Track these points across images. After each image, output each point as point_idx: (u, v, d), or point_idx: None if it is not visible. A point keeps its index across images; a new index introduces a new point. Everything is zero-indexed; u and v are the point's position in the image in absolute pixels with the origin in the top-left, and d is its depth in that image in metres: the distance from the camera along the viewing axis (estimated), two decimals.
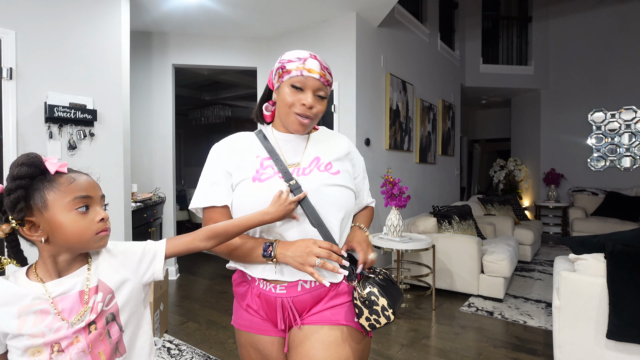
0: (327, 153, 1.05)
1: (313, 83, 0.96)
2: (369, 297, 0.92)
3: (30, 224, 0.72)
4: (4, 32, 2.29)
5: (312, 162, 1.02)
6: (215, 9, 3.51)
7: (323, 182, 0.98)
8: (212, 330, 2.79)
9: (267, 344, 1.02)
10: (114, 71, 2.86)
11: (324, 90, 0.99)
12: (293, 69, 0.97)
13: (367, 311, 0.93)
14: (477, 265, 3.41)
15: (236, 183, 1.01)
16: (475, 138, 9.16)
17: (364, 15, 3.67)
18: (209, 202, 1.01)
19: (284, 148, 1.05)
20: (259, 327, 1.02)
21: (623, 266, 1.77)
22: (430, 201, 5.21)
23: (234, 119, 9.52)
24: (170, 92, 4.14)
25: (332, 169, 1.02)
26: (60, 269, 0.76)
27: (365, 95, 3.74)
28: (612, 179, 6.23)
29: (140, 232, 3.33)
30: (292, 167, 1.02)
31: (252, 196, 0.97)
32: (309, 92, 0.97)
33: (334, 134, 1.14)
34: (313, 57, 0.98)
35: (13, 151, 2.32)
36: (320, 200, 0.97)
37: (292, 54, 0.99)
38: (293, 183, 0.96)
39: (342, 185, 1.00)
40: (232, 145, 1.07)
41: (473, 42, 6.49)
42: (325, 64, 1.00)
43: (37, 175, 0.72)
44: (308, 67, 0.96)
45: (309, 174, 1.00)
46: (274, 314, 1.00)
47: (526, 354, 2.44)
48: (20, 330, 0.70)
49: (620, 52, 6.10)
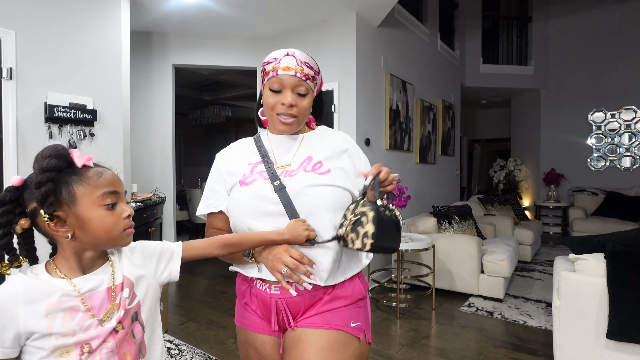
0: (319, 151, 1.02)
1: (290, 81, 0.95)
2: (360, 216, 0.88)
3: (57, 219, 0.68)
4: (4, 32, 2.29)
5: (302, 163, 1.01)
6: (215, 9, 3.51)
7: (307, 183, 0.96)
8: (212, 330, 2.79)
9: (264, 343, 1.02)
10: (114, 71, 2.86)
11: (304, 86, 0.96)
12: (270, 70, 0.96)
13: (350, 226, 0.89)
14: (477, 265, 3.41)
15: (229, 188, 1.04)
16: (475, 138, 9.16)
17: (364, 15, 3.66)
18: (209, 209, 1.05)
19: (277, 150, 1.05)
20: (256, 326, 1.02)
21: (623, 266, 1.77)
22: (430, 201, 5.21)
23: (234, 119, 9.52)
24: (170, 92, 4.14)
25: (321, 168, 0.98)
26: (85, 265, 0.73)
27: (365, 95, 3.74)
28: (612, 179, 6.23)
29: (140, 232, 3.33)
30: (282, 169, 1.01)
31: (237, 199, 0.99)
32: (287, 91, 0.95)
33: (330, 132, 1.10)
34: (290, 54, 0.96)
35: (13, 151, 2.32)
36: (305, 201, 0.95)
37: (271, 55, 0.99)
38: (277, 184, 0.96)
39: (331, 185, 0.96)
40: (229, 153, 1.10)
41: (473, 42, 6.49)
42: (304, 58, 0.97)
43: (65, 168, 0.68)
44: (283, 65, 0.94)
45: (294, 175, 0.98)
46: (269, 314, 1.00)
47: (526, 354, 2.44)
48: (50, 330, 0.66)
49: (620, 52, 6.10)
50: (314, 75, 0.99)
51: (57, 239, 0.72)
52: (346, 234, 0.90)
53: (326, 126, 1.15)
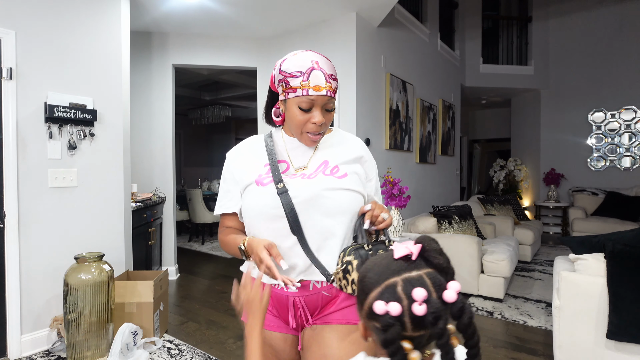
0: (336, 156, 1.03)
1: (321, 100, 0.94)
2: (347, 264, 0.89)
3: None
4: (4, 32, 2.29)
5: (319, 166, 1.01)
6: (215, 9, 3.51)
7: (326, 186, 0.97)
8: (212, 330, 2.79)
9: (279, 341, 1.03)
10: (114, 71, 2.86)
11: (332, 102, 0.96)
12: (297, 86, 0.92)
13: (340, 273, 0.90)
14: (477, 265, 3.41)
15: (243, 188, 1.04)
16: (475, 138, 9.16)
17: (364, 15, 3.66)
18: (222, 209, 1.08)
19: (292, 152, 1.05)
20: (271, 324, 1.03)
21: (623, 266, 1.77)
22: (430, 201, 5.21)
23: (234, 119, 9.53)
24: (170, 92, 4.14)
25: (338, 173, 1.00)
26: None
27: (365, 95, 3.74)
28: (612, 179, 6.23)
29: (140, 232, 3.33)
30: (299, 171, 1.01)
31: (253, 200, 1.00)
32: (317, 109, 0.95)
33: (347, 137, 1.10)
34: (317, 68, 0.92)
35: (13, 151, 2.32)
36: (323, 204, 0.96)
37: (293, 65, 0.94)
38: (280, 187, 0.96)
39: (349, 189, 0.98)
40: (240, 152, 1.10)
41: (473, 42, 6.49)
42: (329, 70, 0.95)
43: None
44: (313, 84, 0.91)
45: (313, 178, 0.99)
46: (286, 312, 1.01)
47: (526, 354, 2.44)
48: None
49: (620, 52, 6.10)
50: (337, 87, 0.99)
51: None
52: (339, 279, 0.91)
53: (341, 129, 1.15)
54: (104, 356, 2.32)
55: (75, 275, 2.26)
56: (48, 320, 2.50)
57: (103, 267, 2.34)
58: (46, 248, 2.49)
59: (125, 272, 2.76)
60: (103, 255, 2.40)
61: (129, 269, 2.93)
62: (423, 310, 0.58)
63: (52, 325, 2.46)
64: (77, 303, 2.23)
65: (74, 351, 2.25)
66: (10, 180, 2.31)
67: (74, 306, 2.24)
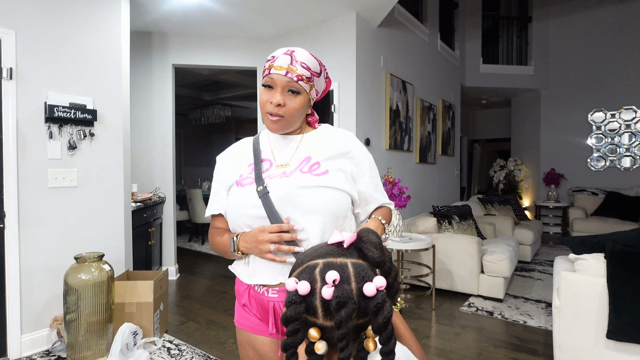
0: (319, 152, 1.00)
1: (280, 80, 0.95)
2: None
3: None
4: (4, 32, 2.29)
5: (300, 163, 0.99)
6: (215, 9, 3.51)
7: (301, 185, 0.93)
8: (212, 330, 2.79)
9: (263, 344, 1.02)
10: (114, 71, 2.85)
11: (295, 86, 0.95)
12: (266, 67, 0.98)
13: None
14: (477, 265, 3.41)
15: (227, 189, 1.06)
16: (475, 138, 9.16)
17: (364, 15, 3.66)
18: (211, 211, 1.10)
19: (276, 149, 1.05)
20: (255, 327, 1.02)
21: (623, 266, 1.77)
22: (430, 201, 5.21)
23: (234, 119, 9.53)
24: (170, 92, 4.14)
25: (318, 170, 0.96)
26: None
27: (365, 95, 3.74)
28: (612, 179, 6.23)
29: (140, 232, 3.33)
30: (280, 169, 1.00)
31: (233, 200, 1.00)
32: (277, 89, 0.96)
33: (334, 132, 1.07)
34: (288, 53, 0.96)
35: (13, 151, 2.32)
36: (297, 202, 0.93)
37: (272, 53, 1.00)
38: (260, 189, 0.95)
39: (329, 187, 0.94)
40: (228, 154, 1.12)
41: (473, 42, 6.49)
42: (302, 58, 0.96)
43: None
44: (277, 64, 0.95)
45: (289, 176, 0.96)
46: (267, 317, 1.00)
47: (526, 354, 2.44)
48: None
49: (620, 52, 6.10)
50: (310, 76, 0.97)
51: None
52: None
53: (329, 125, 1.12)
54: (104, 356, 2.32)
55: (75, 275, 2.26)
56: (48, 320, 2.50)
57: (103, 267, 2.34)
58: (46, 248, 2.49)
59: (125, 272, 2.76)
60: (103, 255, 2.40)
61: (129, 269, 2.93)
62: (329, 293, 0.56)
63: (52, 325, 2.46)
64: (77, 303, 2.23)
65: (74, 351, 2.25)
66: (10, 180, 2.31)
67: (74, 306, 2.24)
